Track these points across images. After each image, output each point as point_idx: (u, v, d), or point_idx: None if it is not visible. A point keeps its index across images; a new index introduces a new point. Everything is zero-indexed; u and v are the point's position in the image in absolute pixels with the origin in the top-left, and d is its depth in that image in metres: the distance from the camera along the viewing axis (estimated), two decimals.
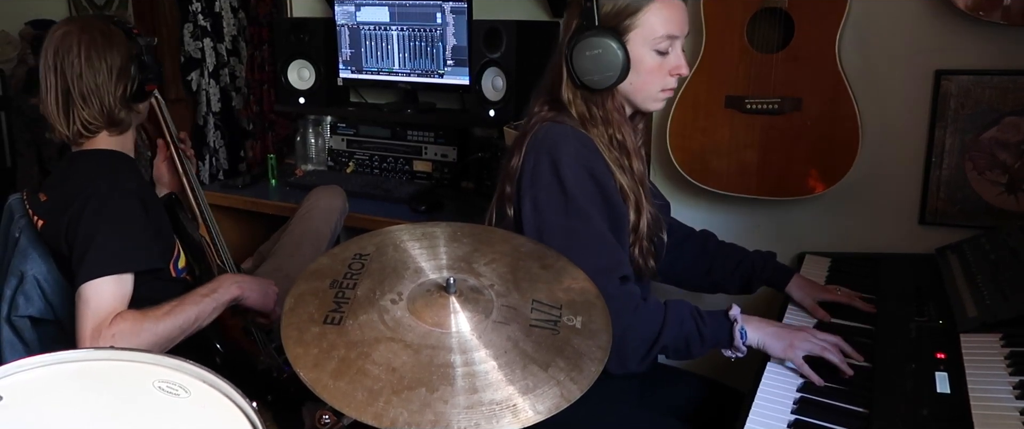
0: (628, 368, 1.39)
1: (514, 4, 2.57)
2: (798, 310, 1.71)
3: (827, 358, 1.40)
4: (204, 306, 1.58)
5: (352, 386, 1.01)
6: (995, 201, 1.97)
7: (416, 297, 1.15)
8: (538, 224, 1.43)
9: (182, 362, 1.09)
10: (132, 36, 1.67)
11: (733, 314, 1.43)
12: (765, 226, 2.21)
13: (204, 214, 1.94)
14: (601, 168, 1.45)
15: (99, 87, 1.62)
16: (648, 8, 1.44)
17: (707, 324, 1.42)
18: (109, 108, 1.64)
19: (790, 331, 1.44)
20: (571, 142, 1.45)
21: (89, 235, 1.51)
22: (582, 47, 1.43)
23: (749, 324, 1.43)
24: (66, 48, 1.62)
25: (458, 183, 2.74)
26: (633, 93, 1.51)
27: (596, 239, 1.40)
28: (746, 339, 1.42)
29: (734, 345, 1.42)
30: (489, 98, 2.47)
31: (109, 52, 1.63)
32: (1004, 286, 1.51)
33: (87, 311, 1.46)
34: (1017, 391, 1.23)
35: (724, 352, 1.45)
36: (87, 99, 1.63)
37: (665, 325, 1.40)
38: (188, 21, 3.35)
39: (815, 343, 1.41)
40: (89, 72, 1.62)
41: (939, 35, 1.94)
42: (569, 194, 1.41)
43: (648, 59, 1.47)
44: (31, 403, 1.02)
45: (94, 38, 1.62)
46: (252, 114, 3.28)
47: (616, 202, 1.46)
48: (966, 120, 1.95)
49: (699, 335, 1.41)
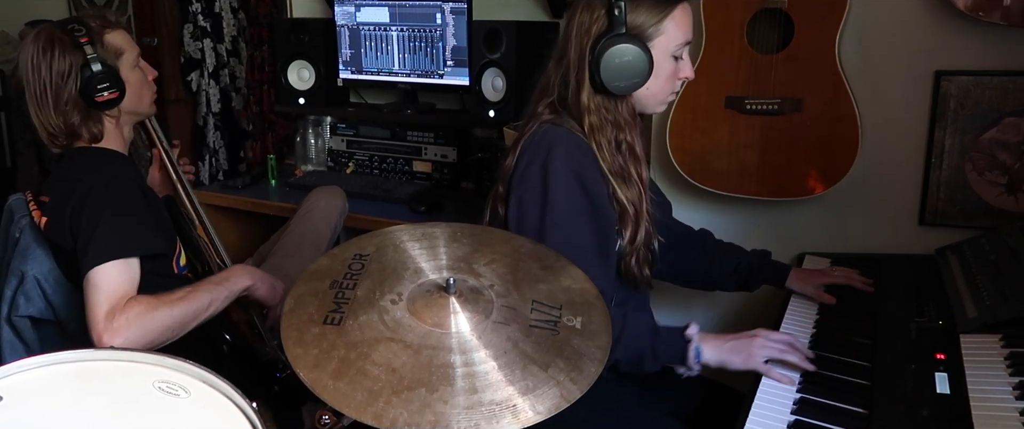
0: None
1: (514, 5, 2.57)
2: (802, 301, 1.72)
3: (786, 359, 1.40)
4: (217, 294, 1.59)
5: (352, 386, 1.01)
6: (995, 202, 1.97)
7: (416, 297, 1.15)
8: (517, 225, 1.45)
9: (182, 362, 1.09)
10: (79, 45, 1.62)
11: (690, 333, 1.43)
12: (765, 227, 2.21)
13: (201, 217, 1.95)
14: (592, 174, 1.45)
15: (43, 95, 1.63)
16: (671, 16, 1.46)
17: (663, 341, 1.43)
18: (56, 116, 1.64)
19: (745, 342, 1.43)
20: (564, 146, 1.45)
21: (93, 222, 1.51)
22: (611, 54, 1.43)
23: (706, 343, 1.43)
24: (22, 58, 1.64)
25: (458, 184, 2.74)
26: (647, 98, 1.52)
27: (568, 247, 1.38)
28: (701, 358, 1.42)
29: (687, 364, 1.42)
30: (489, 98, 2.47)
31: (51, 60, 1.62)
32: (1004, 287, 1.51)
33: (99, 296, 1.46)
34: (1017, 392, 1.23)
35: (677, 369, 1.45)
36: (38, 108, 1.64)
37: (621, 339, 1.39)
38: (188, 22, 3.36)
39: (772, 347, 1.41)
40: (35, 81, 1.63)
41: (939, 36, 1.94)
42: (550, 199, 1.42)
43: (666, 65, 1.49)
44: (31, 403, 1.02)
45: (38, 46, 1.63)
46: (252, 114, 3.28)
47: (604, 209, 1.46)
48: (966, 121, 1.95)
49: (653, 352, 1.42)
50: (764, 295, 1.92)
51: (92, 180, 1.57)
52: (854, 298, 1.72)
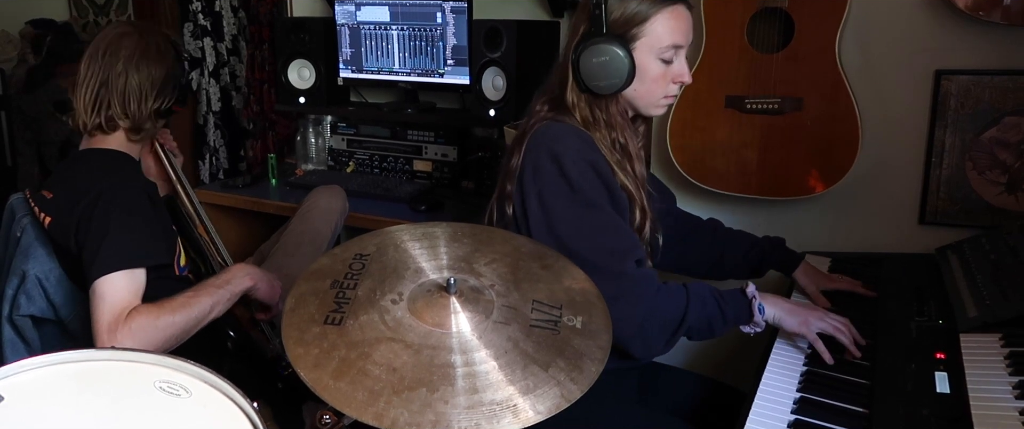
0: (653, 351, 1.43)
1: (514, 4, 2.57)
2: (802, 298, 1.74)
3: (838, 338, 1.44)
4: (219, 296, 1.60)
5: (353, 386, 1.02)
6: (995, 201, 1.97)
7: (417, 297, 1.15)
8: (548, 219, 1.43)
9: (183, 362, 1.09)
10: (181, 58, 1.74)
11: (750, 291, 1.47)
12: (765, 226, 2.21)
13: (199, 213, 1.95)
14: (603, 165, 1.46)
15: (134, 91, 1.67)
16: (656, 17, 1.45)
17: (728, 303, 1.46)
18: (136, 114, 1.68)
19: (804, 309, 1.50)
20: (572, 138, 1.45)
21: (101, 231, 1.52)
22: (589, 53, 1.44)
23: (765, 300, 1.48)
24: (119, 46, 1.66)
25: (458, 183, 2.74)
26: (636, 99, 1.52)
27: (609, 224, 1.42)
28: (764, 314, 1.46)
29: (754, 320, 1.46)
30: (489, 98, 2.47)
31: (156, 64, 1.69)
32: (1004, 286, 1.51)
33: (103, 306, 1.47)
34: (1017, 391, 1.23)
35: (743, 328, 1.49)
36: (121, 98, 1.66)
37: (689, 307, 1.42)
38: (188, 20, 3.35)
39: (827, 323, 1.46)
40: (133, 74, 1.66)
41: (939, 35, 1.94)
42: (575, 186, 1.42)
43: (653, 67, 1.48)
44: (32, 403, 1.02)
45: (148, 45, 1.68)
46: (252, 114, 3.28)
47: (620, 196, 1.47)
48: (966, 120, 1.96)
49: (722, 314, 1.45)
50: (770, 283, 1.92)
51: (102, 187, 1.57)
52: (854, 297, 1.72)
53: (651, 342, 1.41)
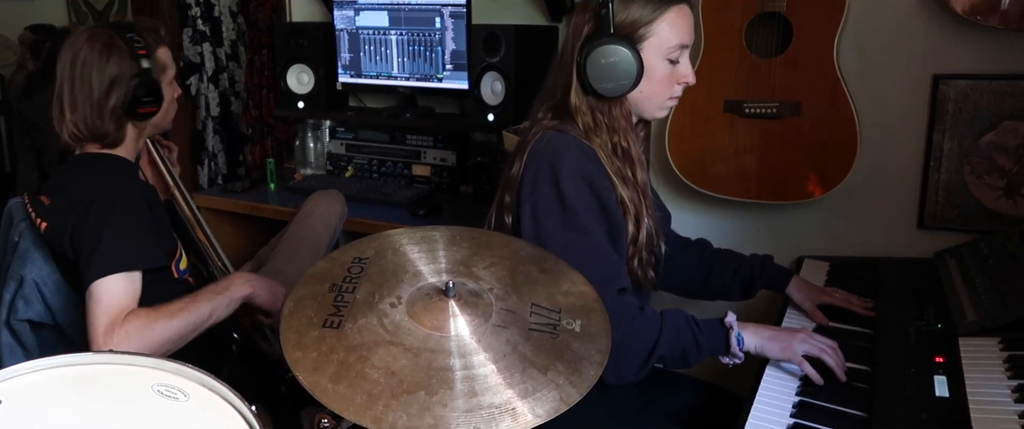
0: (625, 378, 1.39)
1: (513, 8, 2.57)
2: (797, 313, 1.71)
3: (824, 360, 1.40)
4: (217, 303, 1.59)
5: (351, 390, 1.01)
6: (993, 205, 1.97)
7: (415, 301, 1.15)
8: (537, 234, 1.42)
9: (181, 366, 1.09)
10: (137, 55, 1.64)
11: (728, 321, 1.43)
12: (764, 230, 2.21)
13: (199, 220, 1.95)
14: (602, 181, 1.45)
15: (86, 97, 1.62)
16: (663, 17, 1.45)
17: (703, 332, 1.42)
18: (92, 119, 1.64)
19: (787, 333, 1.45)
20: (573, 153, 1.44)
21: (97, 235, 1.51)
22: (596, 55, 1.42)
23: (745, 330, 1.43)
24: (68, 53, 1.63)
25: (457, 187, 2.74)
26: (642, 101, 1.51)
27: (594, 251, 1.40)
28: (743, 345, 1.42)
29: (731, 352, 1.42)
30: (488, 102, 2.47)
31: (105, 65, 1.62)
32: (1003, 290, 1.51)
33: (99, 309, 1.47)
34: (1016, 395, 1.23)
35: (721, 359, 1.44)
36: (73, 107, 1.63)
37: (662, 335, 1.39)
38: (187, 26, 3.36)
39: (812, 345, 1.42)
40: (79, 80, 1.62)
41: (937, 39, 1.94)
42: (568, 206, 1.41)
43: (660, 68, 1.47)
44: (30, 407, 1.02)
45: (93, 48, 1.62)
46: (251, 118, 3.28)
47: (615, 215, 1.46)
48: (964, 124, 1.96)
49: (696, 344, 1.41)
50: (761, 301, 1.91)
51: (98, 190, 1.57)
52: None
53: (622, 370, 1.38)
